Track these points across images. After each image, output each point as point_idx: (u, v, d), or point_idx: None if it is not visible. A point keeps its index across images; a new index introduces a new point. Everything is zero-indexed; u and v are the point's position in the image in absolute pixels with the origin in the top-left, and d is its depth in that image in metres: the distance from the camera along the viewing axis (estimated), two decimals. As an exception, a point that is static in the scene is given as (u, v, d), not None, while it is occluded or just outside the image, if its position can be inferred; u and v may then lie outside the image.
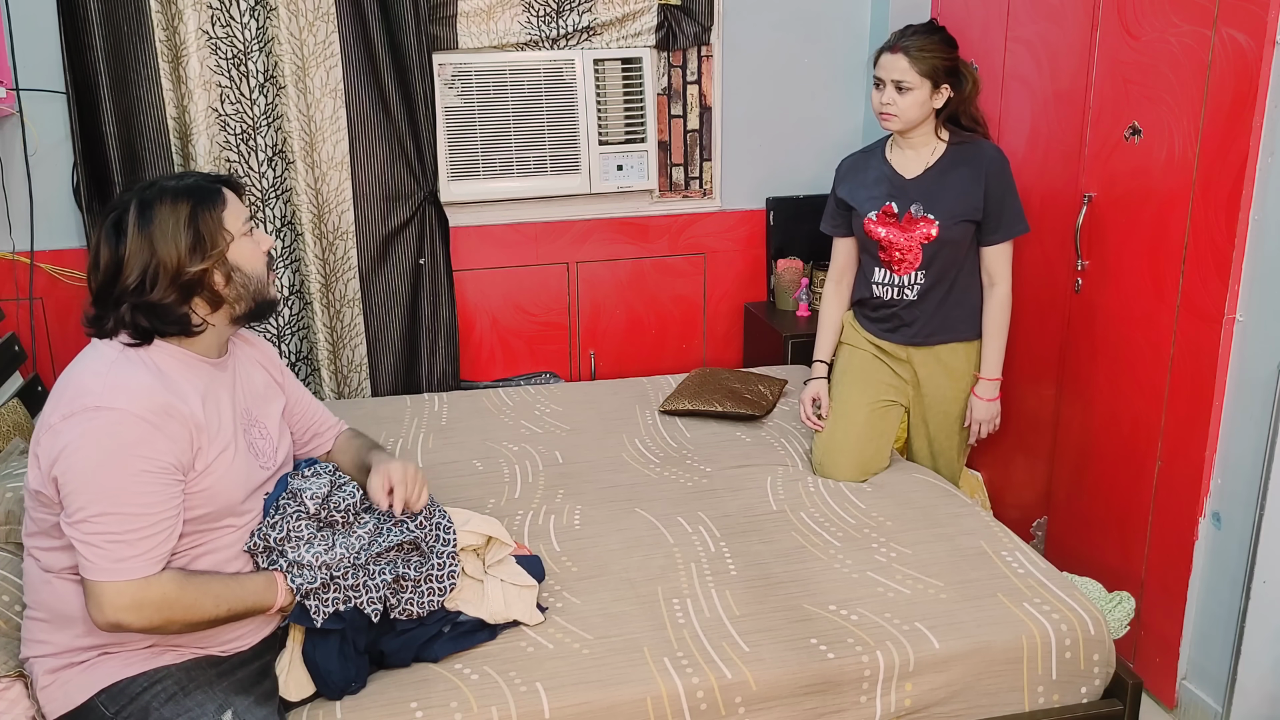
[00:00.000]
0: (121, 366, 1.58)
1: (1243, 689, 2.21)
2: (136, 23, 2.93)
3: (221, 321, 1.70)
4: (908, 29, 2.45)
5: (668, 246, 3.53)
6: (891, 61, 2.42)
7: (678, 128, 3.46)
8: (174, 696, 1.60)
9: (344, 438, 2.06)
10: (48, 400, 1.60)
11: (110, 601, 1.52)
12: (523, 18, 3.19)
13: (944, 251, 2.51)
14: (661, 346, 3.62)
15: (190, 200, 1.64)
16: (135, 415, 1.53)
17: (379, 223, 3.22)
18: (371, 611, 1.75)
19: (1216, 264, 2.17)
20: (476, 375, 3.50)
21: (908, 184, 2.52)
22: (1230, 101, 2.10)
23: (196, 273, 1.62)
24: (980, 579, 2.09)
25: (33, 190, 3.02)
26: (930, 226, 2.48)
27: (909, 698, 1.87)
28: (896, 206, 2.53)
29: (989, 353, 2.60)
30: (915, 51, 2.40)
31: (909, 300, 2.57)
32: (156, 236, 1.60)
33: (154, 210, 1.61)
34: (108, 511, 1.51)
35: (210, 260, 1.63)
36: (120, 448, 1.52)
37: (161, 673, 1.63)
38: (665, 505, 2.43)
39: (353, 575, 1.76)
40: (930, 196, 2.50)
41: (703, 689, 1.79)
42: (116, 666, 1.62)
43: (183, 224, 1.61)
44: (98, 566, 1.51)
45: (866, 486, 2.51)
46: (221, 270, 1.65)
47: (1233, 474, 2.22)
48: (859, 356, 2.69)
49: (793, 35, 3.46)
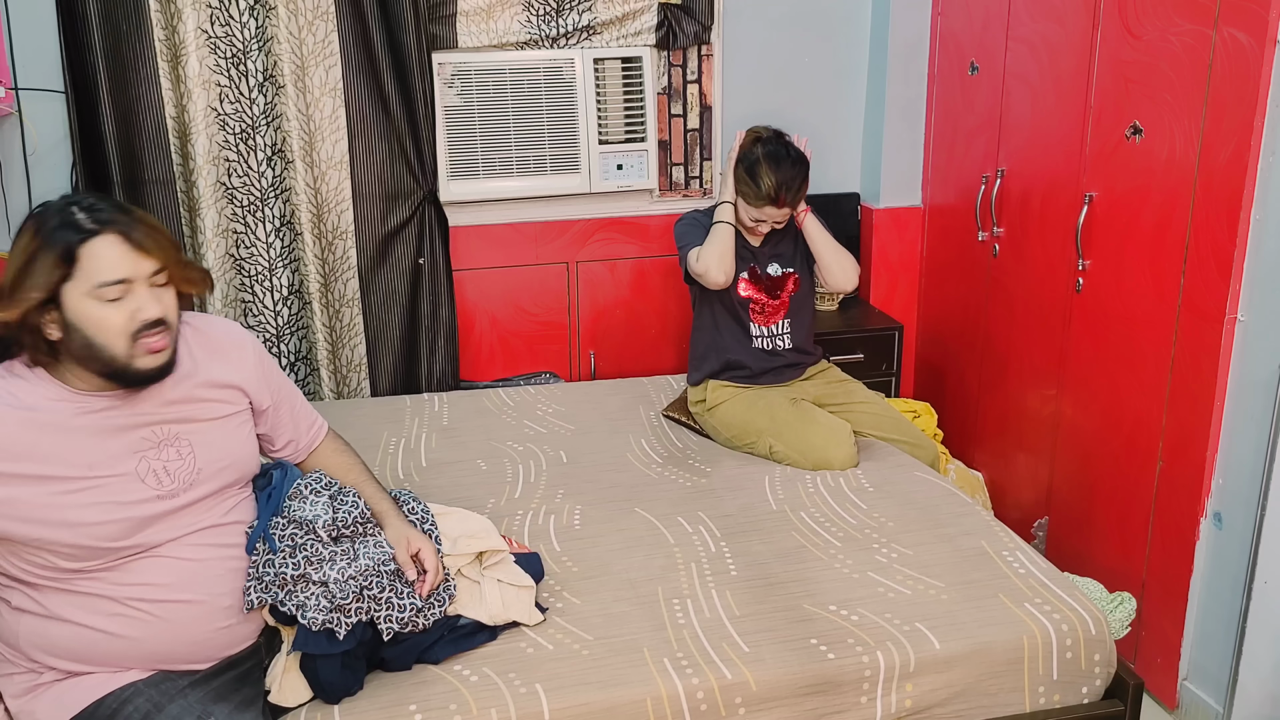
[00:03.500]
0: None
1: (1244, 689, 2.21)
2: (135, 22, 2.93)
3: (81, 371, 1.57)
4: (786, 178, 2.65)
5: (668, 246, 3.52)
6: (778, 213, 2.71)
7: (678, 127, 3.45)
8: (148, 715, 1.56)
9: (328, 454, 1.97)
10: None
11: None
12: (522, 17, 3.18)
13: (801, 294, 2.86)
14: (661, 346, 3.62)
15: (39, 240, 1.51)
16: None
17: (378, 222, 3.22)
18: (385, 630, 1.74)
19: (1218, 264, 2.17)
20: (476, 375, 3.50)
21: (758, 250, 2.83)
22: (1231, 101, 2.09)
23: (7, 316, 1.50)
24: (981, 579, 2.09)
25: (31, 190, 3.02)
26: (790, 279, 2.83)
27: (910, 698, 1.87)
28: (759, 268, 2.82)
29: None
30: (795, 203, 2.72)
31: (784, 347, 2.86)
32: (8, 255, 1.53)
33: (21, 229, 1.53)
34: None
35: (10, 311, 1.50)
36: None
37: (129, 690, 1.59)
38: (665, 505, 2.42)
39: (377, 585, 1.74)
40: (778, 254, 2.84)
41: (703, 690, 1.79)
42: (82, 691, 1.58)
43: (17, 256, 1.51)
44: None
45: (868, 486, 2.51)
46: (55, 322, 1.53)
47: (1234, 474, 2.21)
48: (750, 390, 2.82)
49: (793, 35, 3.46)
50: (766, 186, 2.65)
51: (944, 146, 3.33)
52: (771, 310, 2.83)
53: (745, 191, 2.70)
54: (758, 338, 2.84)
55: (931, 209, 3.47)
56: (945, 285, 3.41)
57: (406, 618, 1.76)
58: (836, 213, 3.46)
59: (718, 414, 2.79)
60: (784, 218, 2.74)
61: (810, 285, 2.89)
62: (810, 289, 2.90)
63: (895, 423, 2.80)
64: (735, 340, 2.83)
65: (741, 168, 2.71)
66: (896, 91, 3.42)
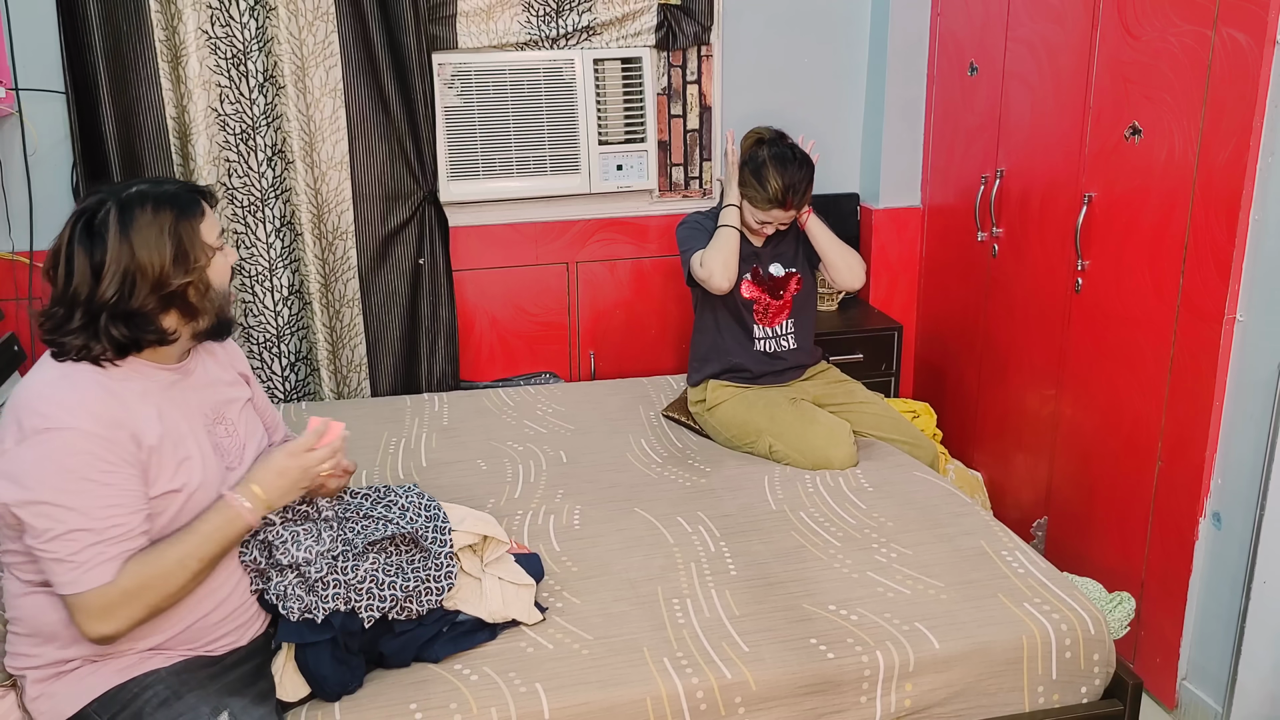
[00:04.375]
0: (69, 382, 1.55)
1: (1243, 689, 2.21)
2: (136, 22, 2.93)
3: (187, 334, 1.67)
4: (793, 180, 2.65)
5: (668, 246, 3.53)
6: (784, 215, 2.70)
7: (677, 127, 3.46)
8: (166, 701, 1.58)
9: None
10: (0, 421, 1.56)
11: (83, 616, 1.52)
12: (522, 17, 3.19)
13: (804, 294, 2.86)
14: (661, 346, 3.62)
15: (172, 210, 1.60)
16: (84, 431, 1.51)
17: (378, 223, 3.22)
18: (366, 619, 1.74)
19: (1217, 264, 2.17)
20: (476, 375, 3.50)
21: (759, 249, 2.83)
22: (1230, 101, 2.10)
23: (179, 285, 1.59)
24: (980, 579, 2.09)
25: (32, 190, 3.02)
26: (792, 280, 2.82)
27: (909, 698, 1.87)
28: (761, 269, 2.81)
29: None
30: (801, 201, 2.70)
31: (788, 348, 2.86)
32: (137, 243, 1.56)
33: (134, 215, 1.57)
34: (69, 529, 1.49)
35: (193, 274, 1.61)
36: (74, 466, 1.50)
37: (151, 677, 1.61)
38: (665, 505, 2.43)
39: (352, 569, 1.75)
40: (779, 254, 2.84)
41: (702, 689, 1.79)
42: (106, 675, 1.60)
43: (166, 233, 1.58)
44: (64, 582, 1.51)
45: (867, 486, 2.51)
46: (199, 284, 1.63)
47: (1233, 474, 2.21)
48: (750, 390, 2.81)
49: (792, 35, 3.46)
50: (774, 189, 2.64)
51: (943, 147, 3.33)
52: (775, 311, 2.82)
53: (751, 195, 2.69)
54: (760, 339, 2.84)
55: (931, 209, 3.47)
56: (945, 285, 3.41)
57: (388, 607, 1.75)
58: (836, 213, 3.47)
59: (718, 414, 2.79)
60: (789, 219, 2.74)
61: (813, 285, 2.90)
62: (813, 288, 2.90)
63: (895, 423, 2.81)
64: (737, 343, 2.84)
65: (747, 170, 2.69)
66: (896, 92, 3.42)
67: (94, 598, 1.51)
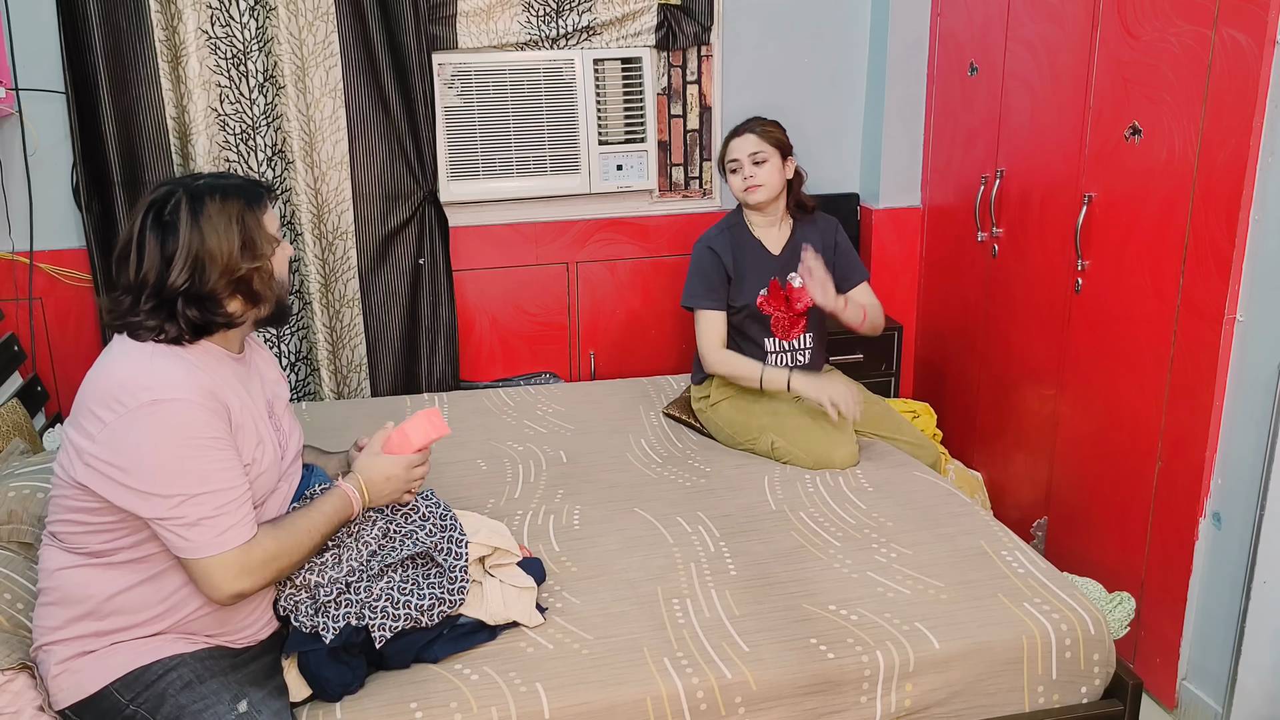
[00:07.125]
0: (161, 360, 1.61)
1: (1243, 689, 2.21)
2: (136, 22, 2.93)
3: (250, 319, 1.73)
4: (748, 120, 2.76)
5: (668, 246, 3.53)
6: (741, 143, 2.72)
7: (677, 127, 3.46)
8: (189, 684, 1.61)
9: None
10: (80, 400, 1.60)
11: (222, 574, 1.58)
12: (522, 17, 3.19)
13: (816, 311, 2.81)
14: (661, 346, 3.62)
15: (240, 200, 1.67)
16: (192, 401, 1.57)
17: (378, 223, 3.22)
18: (378, 638, 1.75)
19: (1217, 264, 2.17)
20: (476, 375, 3.50)
21: (775, 258, 2.80)
22: (1230, 101, 2.10)
23: (246, 271, 1.65)
24: (980, 579, 2.09)
25: (32, 190, 3.02)
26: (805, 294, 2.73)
27: (909, 698, 1.87)
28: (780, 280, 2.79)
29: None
30: (759, 129, 2.72)
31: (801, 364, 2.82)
32: (208, 230, 1.63)
33: (204, 204, 1.64)
34: (198, 493, 1.55)
35: (259, 261, 1.68)
36: (192, 434, 1.56)
37: (176, 660, 1.63)
38: (665, 505, 2.43)
39: (365, 589, 1.76)
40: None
41: (703, 689, 1.79)
42: (130, 655, 1.62)
43: (234, 221, 1.65)
44: (201, 544, 1.56)
45: (867, 486, 2.51)
46: (264, 271, 1.70)
47: (1233, 474, 2.22)
48: (749, 393, 2.77)
49: (792, 35, 3.46)
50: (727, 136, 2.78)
51: (943, 147, 3.34)
52: (789, 323, 2.80)
53: (722, 155, 2.79)
54: (773, 353, 2.81)
55: (931, 209, 3.47)
56: (945, 286, 3.41)
57: (400, 625, 1.77)
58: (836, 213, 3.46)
59: (721, 410, 2.79)
60: (754, 149, 2.70)
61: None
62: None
63: (895, 423, 2.81)
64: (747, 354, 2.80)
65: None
66: (896, 92, 3.42)
67: (237, 556, 1.58)
